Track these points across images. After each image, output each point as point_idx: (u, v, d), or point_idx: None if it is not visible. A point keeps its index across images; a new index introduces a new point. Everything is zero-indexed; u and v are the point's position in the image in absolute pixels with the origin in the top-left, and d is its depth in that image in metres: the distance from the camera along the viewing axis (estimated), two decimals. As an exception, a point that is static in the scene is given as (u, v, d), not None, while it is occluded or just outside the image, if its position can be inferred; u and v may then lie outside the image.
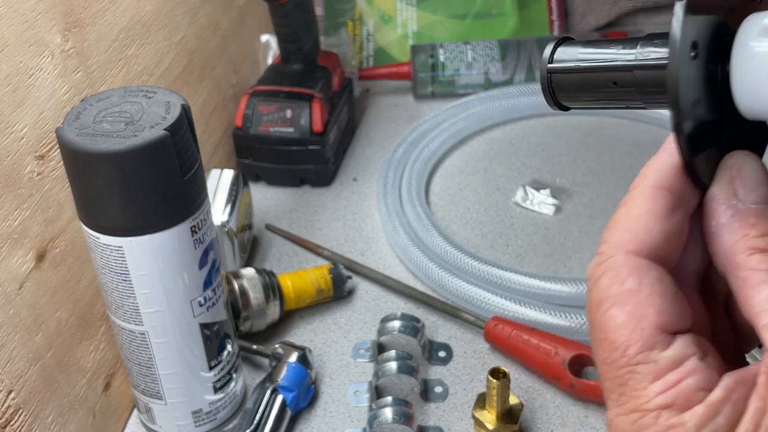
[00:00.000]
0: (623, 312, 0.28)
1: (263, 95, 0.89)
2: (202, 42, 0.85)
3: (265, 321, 0.70)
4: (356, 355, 0.69)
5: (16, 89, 0.53)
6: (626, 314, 0.27)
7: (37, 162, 0.55)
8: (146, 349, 0.57)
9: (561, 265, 0.78)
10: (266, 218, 0.86)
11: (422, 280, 0.76)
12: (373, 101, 1.07)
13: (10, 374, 0.51)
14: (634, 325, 0.27)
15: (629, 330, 0.27)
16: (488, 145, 0.97)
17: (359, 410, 0.65)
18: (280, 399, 0.62)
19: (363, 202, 0.89)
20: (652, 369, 0.27)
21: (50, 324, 0.56)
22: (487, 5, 1.13)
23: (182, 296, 0.55)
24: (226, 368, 0.61)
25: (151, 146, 0.49)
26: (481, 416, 0.60)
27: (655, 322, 0.27)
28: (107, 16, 0.65)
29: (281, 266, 0.80)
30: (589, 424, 0.62)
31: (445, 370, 0.68)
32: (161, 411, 0.60)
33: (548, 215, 0.84)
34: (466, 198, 0.88)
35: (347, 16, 1.16)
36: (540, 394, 0.65)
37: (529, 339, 0.65)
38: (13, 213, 0.52)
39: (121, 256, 0.52)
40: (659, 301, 0.27)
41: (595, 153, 0.94)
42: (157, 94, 0.53)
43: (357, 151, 0.97)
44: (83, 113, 0.51)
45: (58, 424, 0.56)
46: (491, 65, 1.03)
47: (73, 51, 0.59)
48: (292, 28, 0.88)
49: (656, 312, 0.27)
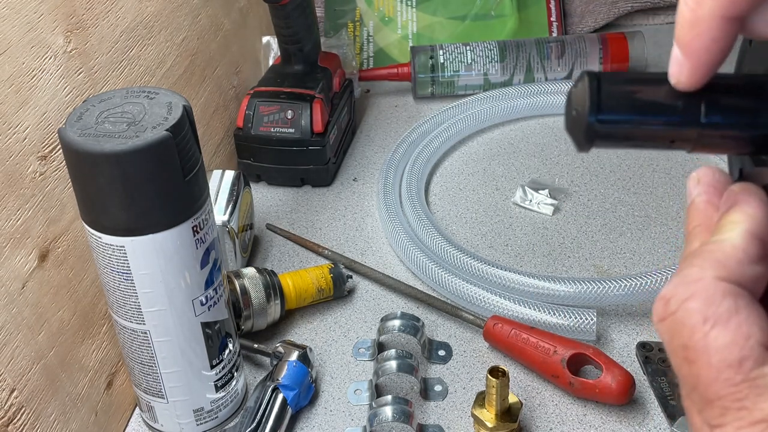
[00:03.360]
0: (728, 332, 0.28)
1: (264, 96, 0.89)
2: (203, 43, 0.85)
3: (266, 320, 0.70)
4: (356, 354, 0.70)
5: (18, 90, 0.53)
6: (731, 334, 0.28)
7: (39, 162, 0.55)
8: (148, 348, 0.57)
9: (560, 264, 0.78)
10: (267, 218, 0.87)
11: (422, 279, 0.76)
12: (374, 102, 1.07)
13: (12, 373, 0.51)
14: (743, 344, 0.28)
15: (739, 348, 0.28)
16: (487, 145, 0.98)
17: (359, 409, 0.65)
18: (281, 397, 0.62)
19: (363, 202, 0.89)
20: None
21: (53, 323, 0.56)
22: (486, 7, 1.14)
23: (184, 295, 0.56)
24: (227, 367, 0.61)
25: (153, 147, 0.49)
26: (480, 414, 0.60)
27: (761, 340, 0.28)
28: (109, 17, 0.65)
29: (282, 266, 0.80)
30: (588, 422, 0.62)
31: (444, 369, 0.68)
32: (163, 409, 0.60)
33: (547, 215, 0.85)
34: (466, 198, 0.89)
35: (348, 18, 1.17)
36: (539, 392, 0.65)
37: (528, 338, 0.65)
38: (16, 213, 0.53)
39: (123, 256, 0.53)
40: (759, 320, 0.28)
41: (594, 153, 0.94)
42: (158, 94, 0.54)
43: (357, 152, 0.98)
44: (85, 114, 0.52)
45: (61, 423, 0.56)
46: (490, 66, 1.04)
47: (75, 52, 0.60)
48: (292, 30, 0.89)
49: (759, 330, 0.28)
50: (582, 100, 0.30)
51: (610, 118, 0.30)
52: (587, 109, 0.30)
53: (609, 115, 0.30)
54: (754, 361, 0.28)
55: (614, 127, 0.30)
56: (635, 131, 0.30)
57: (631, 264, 0.78)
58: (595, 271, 0.77)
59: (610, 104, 0.30)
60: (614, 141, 0.30)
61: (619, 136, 0.30)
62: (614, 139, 0.30)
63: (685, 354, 0.29)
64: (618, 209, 0.85)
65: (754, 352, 0.28)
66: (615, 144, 0.31)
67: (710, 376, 0.28)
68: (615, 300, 0.68)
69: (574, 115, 0.31)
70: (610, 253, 0.79)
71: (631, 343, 0.69)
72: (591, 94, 0.30)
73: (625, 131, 0.30)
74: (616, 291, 0.68)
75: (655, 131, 0.30)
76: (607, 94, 0.30)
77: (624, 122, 0.30)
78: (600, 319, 0.70)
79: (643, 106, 0.30)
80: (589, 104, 0.30)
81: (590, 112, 0.30)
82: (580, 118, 0.30)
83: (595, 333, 0.68)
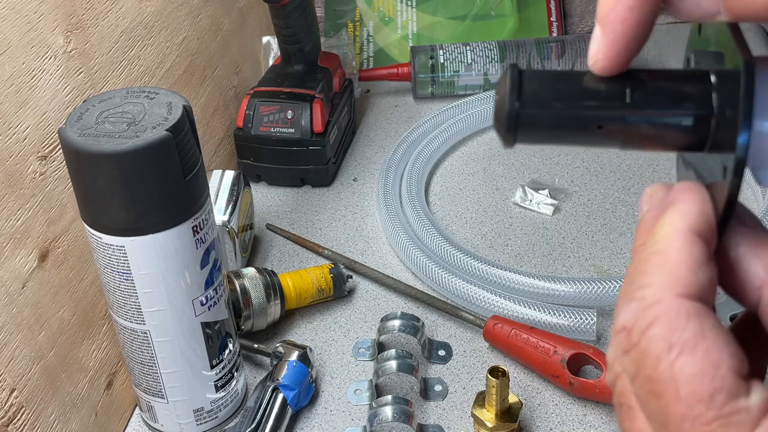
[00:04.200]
0: (695, 360, 0.25)
1: (264, 96, 0.89)
2: (203, 43, 0.85)
3: (266, 320, 0.70)
4: (356, 354, 0.70)
5: (18, 90, 0.53)
6: (700, 362, 0.25)
7: (39, 162, 0.55)
8: (148, 348, 0.57)
9: (560, 264, 0.78)
10: (267, 218, 0.87)
11: (422, 279, 0.76)
12: (374, 102, 1.07)
13: (12, 373, 0.51)
14: (713, 373, 0.25)
15: (709, 378, 0.25)
16: (487, 145, 0.98)
17: (359, 409, 0.65)
18: (281, 397, 0.62)
19: (363, 202, 0.89)
20: (746, 418, 0.25)
21: (53, 323, 0.56)
22: (486, 7, 1.14)
23: (184, 295, 0.56)
24: (227, 367, 0.61)
25: (153, 147, 0.50)
26: (480, 414, 0.60)
27: (732, 367, 0.25)
28: (109, 17, 0.65)
29: (282, 266, 0.80)
30: (588, 422, 0.62)
31: (444, 369, 0.68)
32: (163, 409, 0.61)
33: (547, 215, 0.85)
34: (466, 198, 0.89)
35: (347, 18, 1.17)
36: (539, 392, 0.65)
37: (528, 338, 0.65)
38: (16, 213, 0.53)
39: (124, 256, 0.53)
40: (728, 345, 0.25)
41: (594, 153, 0.94)
42: (158, 94, 0.54)
43: (357, 152, 0.98)
44: (85, 114, 0.52)
45: (61, 423, 0.56)
46: (490, 66, 1.04)
47: (75, 52, 0.60)
48: (292, 29, 0.89)
49: (729, 356, 0.25)
50: (504, 87, 0.29)
51: (532, 101, 0.29)
52: (507, 95, 0.29)
53: (531, 100, 0.29)
54: (727, 393, 0.25)
55: (537, 112, 0.29)
56: (559, 115, 0.29)
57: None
58: (595, 271, 0.77)
59: (532, 88, 0.29)
60: (539, 129, 0.29)
61: (543, 121, 0.29)
62: (539, 127, 0.29)
63: (651, 387, 0.26)
64: (618, 209, 0.85)
65: (725, 383, 0.25)
66: (540, 133, 0.29)
67: (679, 413, 0.25)
68: (615, 300, 0.68)
69: (497, 102, 0.29)
70: (610, 253, 0.79)
71: (631, 343, 0.68)
72: (512, 81, 0.29)
73: (549, 116, 0.29)
74: (616, 291, 0.68)
75: (579, 114, 0.29)
76: (529, 79, 0.29)
77: (547, 105, 0.29)
78: (600, 319, 0.70)
79: (566, 90, 0.29)
80: (509, 89, 0.29)
81: (510, 98, 0.29)
82: (501, 104, 0.29)
83: (595, 333, 0.68)
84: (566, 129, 0.29)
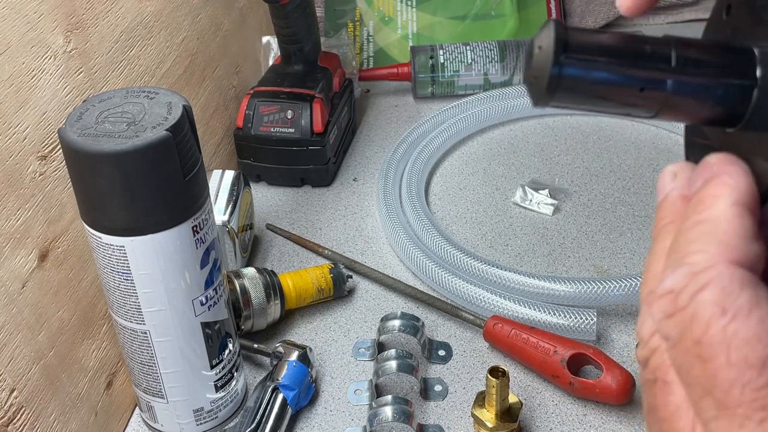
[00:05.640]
0: (748, 326, 0.25)
1: (264, 96, 0.89)
2: (203, 43, 0.85)
3: (266, 320, 0.70)
4: (356, 354, 0.70)
5: (18, 90, 0.53)
6: (754, 327, 0.25)
7: (39, 162, 0.55)
8: (148, 348, 0.57)
9: (560, 264, 0.78)
10: (267, 218, 0.87)
11: (422, 279, 0.76)
12: (374, 102, 1.07)
13: (12, 373, 0.51)
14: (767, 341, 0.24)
15: (763, 345, 0.24)
16: (487, 145, 0.98)
17: (359, 409, 0.65)
18: (281, 397, 0.62)
19: (363, 202, 0.89)
20: None
21: (52, 323, 0.56)
22: (486, 6, 1.14)
23: (184, 295, 0.56)
24: (227, 367, 0.61)
25: (153, 147, 0.49)
26: (480, 414, 0.60)
27: None
28: (109, 17, 0.65)
29: (282, 266, 0.80)
30: (588, 422, 0.62)
31: (444, 369, 0.68)
32: (163, 409, 0.61)
33: (547, 215, 0.85)
34: (466, 198, 0.89)
35: (347, 18, 1.17)
36: (539, 392, 0.65)
37: (528, 338, 0.65)
38: (16, 213, 0.53)
39: (123, 256, 0.53)
40: None
41: (594, 153, 0.94)
42: (158, 94, 0.54)
43: (357, 152, 0.98)
44: (85, 114, 0.52)
45: (60, 423, 0.56)
46: (490, 66, 1.04)
47: (75, 52, 0.60)
48: (292, 29, 0.89)
49: None
50: (546, 39, 0.27)
51: (578, 57, 0.27)
52: (552, 48, 0.27)
53: (576, 55, 0.27)
54: None
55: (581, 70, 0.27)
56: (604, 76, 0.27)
57: (631, 264, 0.78)
58: (595, 271, 0.77)
59: (578, 42, 0.27)
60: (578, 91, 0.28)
61: (586, 82, 0.27)
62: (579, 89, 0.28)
63: (699, 351, 0.25)
64: (618, 209, 0.85)
65: None
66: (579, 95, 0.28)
67: (728, 378, 0.25)
68: (615, 300, 0.68)
69: (537, 56, 0.27)
70: (610, 253, 0.79)
71: (631, 343, 0.69)
72: (557, 34, 0.27)
73: (593, 77, 0.27)
74: (616, 291, 0.68)
75: (626, 73, 0.27)
76: (574, 35, 0.27)
77: (593, 62, 0.27)
78: (600, 319, 0.70)
79: (613, 47, 0.28)
80: (554, 41, 0.27)
81: (555, 51, 0.27)
82: (543, 59, 0.27)
83: (595, 333, 0.68)
84: (609, 88, 0.28)
